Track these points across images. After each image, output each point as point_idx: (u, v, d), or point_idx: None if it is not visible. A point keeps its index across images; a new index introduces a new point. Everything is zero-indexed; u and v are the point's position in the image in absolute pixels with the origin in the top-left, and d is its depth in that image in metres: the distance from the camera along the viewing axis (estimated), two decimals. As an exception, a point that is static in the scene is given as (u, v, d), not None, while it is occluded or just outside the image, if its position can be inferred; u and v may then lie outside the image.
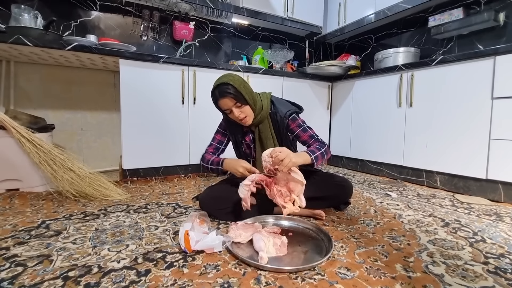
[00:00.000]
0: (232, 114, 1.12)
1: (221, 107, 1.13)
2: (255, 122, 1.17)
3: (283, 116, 1.18)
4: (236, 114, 1.10)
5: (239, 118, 1.11)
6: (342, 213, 1.29)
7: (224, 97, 1.08)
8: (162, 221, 1.15)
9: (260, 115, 1.16)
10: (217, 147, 1.30)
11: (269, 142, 1.19)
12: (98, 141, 2.19)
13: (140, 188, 1.71)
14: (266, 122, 1.19)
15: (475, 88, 1.58)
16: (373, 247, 0.93)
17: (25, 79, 1.91)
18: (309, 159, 1.07)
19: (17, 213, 1.22)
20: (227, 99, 1.08)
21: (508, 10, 1.79)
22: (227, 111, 1.13)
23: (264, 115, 1.17)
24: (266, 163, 1.01)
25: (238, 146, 1.28)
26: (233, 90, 1.07)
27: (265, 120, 1.19)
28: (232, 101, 1.08)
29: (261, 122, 1.19)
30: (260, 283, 0.71)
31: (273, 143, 1.20)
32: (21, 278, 0.72)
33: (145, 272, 0.75)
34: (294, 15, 2.62)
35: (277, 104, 1.21)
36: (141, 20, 2.20)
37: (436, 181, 1.81)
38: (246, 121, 1.13)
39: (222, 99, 1.09)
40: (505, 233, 1.07)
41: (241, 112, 1.10)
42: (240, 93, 1.08)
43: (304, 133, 1.20)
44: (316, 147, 1.13)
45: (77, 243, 0.93)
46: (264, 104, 1.17)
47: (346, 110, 2.49)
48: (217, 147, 1.30)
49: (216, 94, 1.11)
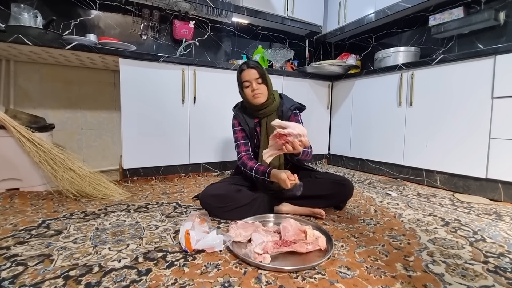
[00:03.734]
0: (249, 88, 1.22)
1: (244, 77, 1.22)
2: (266, 111, 1.26)
3: (288, 108, 1.28)
4: (254, 86, 1.21)
5: (255, 92, 1.21)
6: (342, 212, 1.29)
7: (253, 68, 1.21)
8: (162, 221, 1.15)
9: (271, 106, 1.26)
10: (245, 142, 1.33)
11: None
12: (98, 140, 2.19)
13: (141, 188, 1.71)
14: (274, 114, 1.28)
15: (475, 87, 1.58)
16: (374, 246, 0.93)
17: (25, 78, 1.90)
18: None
19: (17, 213, 1.22)
20: (255, 70, 1.21)
21: (508, 9, 1.79)
22: (247, 83, 1.22)
23: (274, 107, 1.27)
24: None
25: (252, 136, 1.31)
26: (261, 67, 1.22)
27: (274, 112, 1.28)
28: (256, 75, 1.21)
29: (270, 113, 1.27)
30: (261, 282, 0.71)
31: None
32: (22, 277, 0.72)
33: (146, 272, 0.75)
34: (294, 14, 2.62)
35: (284, 99, 1.33)
36: (141, 19, 2.19)
37: (436, 181, 1.82)
38: (259, 96, 1.22)
39: (250, 69, 1.21)
40: (505, 232, 1.07)
41: (259, 87, 1.21)
42: (265, 73, 1.23)
43: None
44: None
45: (77, 242, 0.93)
46: (276, 97, 1.29)
47: (346, 110, 2.49)
48: (246, 143, 1.33)
49: (245, 64, 1.22)
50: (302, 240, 0.88)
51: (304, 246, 0.85)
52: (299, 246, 0.85)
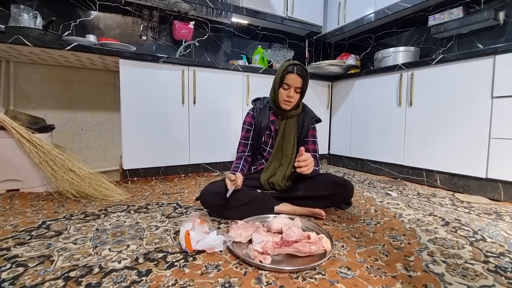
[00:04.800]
0: (287, 91, 1.22)
1: (287, 80, 1.20)
2: (289, 115, 1.28)
3: (311, 118, 1.32)
4: (291, 93, 1.21)
5: (289, 98, 1.22)
6: (342, 212, 1.29)
7: (300, 77, 1.19)
8: (162, 221, 1.15)
9: (295, 110, 1.29)
10: (246, 143, 1.36)
11: (291, 136, 1.30)
12: (98, 141, 2.19)
13: (141, 188, 1.71)
14: (295, 118, 1.31)
15: (475, 87, 1.58)
16: (374, 247, 0.93)
17: (24, 79, 1.90)
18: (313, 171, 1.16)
19: (17, 214, 1.22)
20: (301, 79, 1.20)
21: (508, 9, 1.79)
22: (286, 86, 1.21)
23: (296, 113, 1.30)
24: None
25: (260, 134, 1.33)
26: (307, 77, 1.22)
27: (294, 117, 1.31)
28: (300, 83, 1.20)
29: (291, 117, 1.30)
30: (261, 282, 0.71)
31: (294, 137, 1.30)
32: (22, 278, 0.72)
33: (146, 272, 0.75)
34: (293, 15, 2.62)
35: (307, 109, 1.36)
36: (141, 19, 2.19)
37: (436, 180, 1.82)
38: (289, 103, 1.23)
39: (297, 76, 1.19)
40: (505, 232, 1.07)
41: (294, 96, 1.22)
42: (307, 84, 1.24)
43: (313, 145, 1.32)
44: (316, 163, 1.21)
45: (78, 243, 0.93)
46: (300, 105, 1.32)
47: (346, 110, 2.49)
48: (246, 144, 1.36)
49: (294, 69, 1.19)
50: (305, 240, 0.88)
51: (307, 246, 0.85)
52: (301, 246, 0.85)
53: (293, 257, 0.85)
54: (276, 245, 0.85)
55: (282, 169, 1.28)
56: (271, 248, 0.83)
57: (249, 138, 1.35)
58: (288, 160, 1.28)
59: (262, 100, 1.39)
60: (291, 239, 0.90)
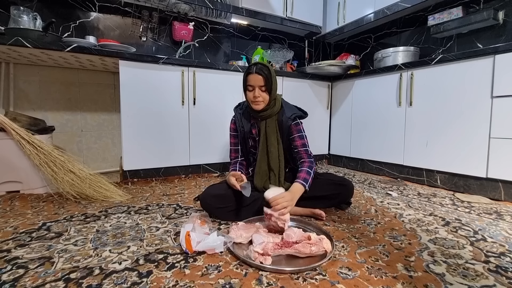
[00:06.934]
0: (252, 92, 1.20)
1: (249, 81, 1.20)
2: (265, 115, 1.24)
3: (288, 117, 1.25)
4: (256, 93, 1.19)
5: (256, 98, 1.19)
6: (342, 212, 1.29)
7: (259, 75, 1.17)
8: (163, 222, 1.15)
9: (271, 109, 1.24)
10: (235, 149, 1.38)
11: (273, 136, 1.26)
12: (98, 142, 2.19)
13: (141, 189, 1.71)
14: (274, 118, 1.27)
15: (475, 86, 1.58)
16: (374, 247, 0.93)
17: (24, 80, 1.90)
18: (304, 190, 1.12)
19: (17, 215, 1.22)
20: (261, 77, 1.17)
21: (507, 8, 1.79)
22: (250, 88, 1.21)
23: (274, 111, 1.25)
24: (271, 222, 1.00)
25: (245, 139, 1.32)
26: (268, 74, 1.18)
27: (273, 116, 1.27)
28: (261, 82, 1.18)
29: (270, 117, 1.26)
30: (262, 283, 0.71)
31: (276, 138, 1.26)
32: (22, 280, 0.72)
33: (147, 274, 0.75)
34: (293, 15, 2.62)
35: (285, 107, 1.30)
36: (141, 20, 2.20)
37: (436, 180, 1.82)
38: (258, 103, 1.20)
39: (257, 75, 1.17)
40: (506, 231, 1.07)
41: (261, 95, 1.19)
42: (271, 80, 1.19)
43: (300, 140, 1.26)
44: (307, 170, 1.18)
45: (78, 244, 0.93)
46: (277, 102, 1.27)
47: (346, 110, 2.49)
48: (236, 149, 1.38)
49: (253, 68, 1.19)
50: (305, 241, 0.88)
51: (308, 247, 0.85)
52: (301, 246, 0.85)
53: (294, 257, 0.85)
54: (277, 246, 0.86)
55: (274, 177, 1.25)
56: (271, 249, 0.83)
57: (238, 144, 1.37)
58: (277, 163, 1.26)
59: (241, 105, 1.38)
60: (291, 240, 0.90)
